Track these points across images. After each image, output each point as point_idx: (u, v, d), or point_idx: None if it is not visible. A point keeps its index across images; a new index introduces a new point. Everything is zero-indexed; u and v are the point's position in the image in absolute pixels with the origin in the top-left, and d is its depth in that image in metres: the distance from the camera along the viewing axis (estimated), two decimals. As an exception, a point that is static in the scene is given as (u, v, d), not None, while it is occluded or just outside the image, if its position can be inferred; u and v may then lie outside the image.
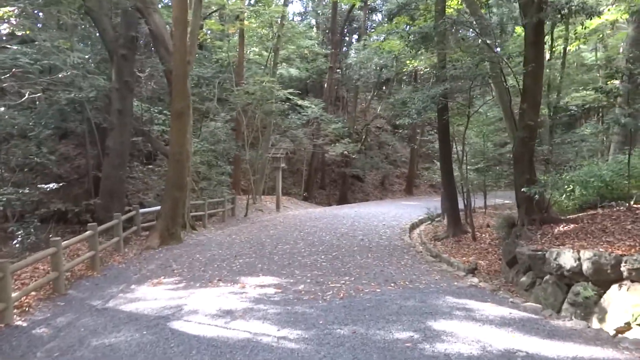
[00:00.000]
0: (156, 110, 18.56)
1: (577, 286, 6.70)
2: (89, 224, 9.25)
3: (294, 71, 28.64)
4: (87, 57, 11.09)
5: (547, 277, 7.44)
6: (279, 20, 23.88)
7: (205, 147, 19.29)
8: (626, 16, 16.91)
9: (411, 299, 6.61)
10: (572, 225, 8.28)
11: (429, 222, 18.46)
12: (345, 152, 28.10)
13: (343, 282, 7.74)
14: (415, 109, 9.50)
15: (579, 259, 6.66)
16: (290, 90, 22.09)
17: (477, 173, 17.28)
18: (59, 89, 11.77)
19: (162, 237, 12.11)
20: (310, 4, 38.76)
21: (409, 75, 41.59)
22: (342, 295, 6.86)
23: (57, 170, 17.27)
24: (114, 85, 11.97)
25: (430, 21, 11.24)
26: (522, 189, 8.51)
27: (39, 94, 10.63)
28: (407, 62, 11.85)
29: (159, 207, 13.38)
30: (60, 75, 10.64)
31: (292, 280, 7.93)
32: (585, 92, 22.42)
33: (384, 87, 39.00)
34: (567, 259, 6.87)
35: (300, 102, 23.75)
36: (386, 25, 11.58)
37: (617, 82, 18.12)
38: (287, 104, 23.22)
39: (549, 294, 7.23)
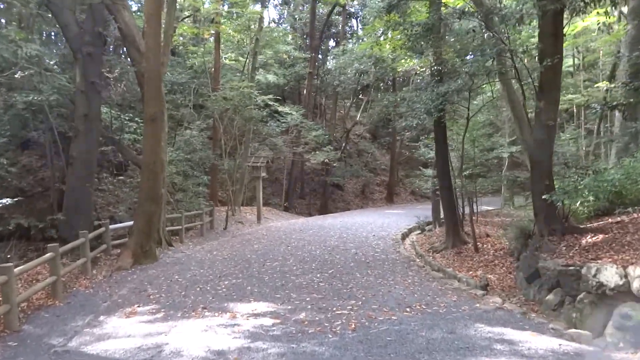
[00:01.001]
0: (127, 118, 17.21)
1: (623, 307, 5.81)
2: (48, 245, 7.96)
3: (271, 77, 27.59)
4: (42, 49, 9.69)
5: (582, 295, 6.53)
6: (256, 23, 22.84)
7: (181, 157, 18.05)
8: (613, 18, 16.49)
9: (436, 328, 5.61)
10: (600, 236, 7.44)
11: (419, 231, 17.64)
12: (326, 160, 27.15)
13: (350, 307, 6.69)
14: (425, 108, 8.60)
15: (626, 275, 5.78)
16: (270, 96, 21.02)
17: (467, 179, 16.55)
18: (14, 91, 10.43)
19: (136, 256, 10.85)
20: (286, 10, 37.87)
21: (388, 81, 41.20)
22: (353, 325, 5.80)
23: (19, 183, 15.79)
24: (78, 87, 10.69)
25: (426, 15, 10.37)
26: (543, 197, 7.63)
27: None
28: (402, 62, 10.98)
29: (131, 223, 12.10)
30: (16, 75, 9.30)
31: (290, 307, 6.83)
32: (570, 95, 22.08)
33: (360, 95, 38.33)
34: (610, 275, 5.98)
35: (280, 108, 22.68)
36: (382, 18, 10.64)
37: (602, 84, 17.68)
38: (267, 110, 22.13)
39: (586, 316, 6.32)
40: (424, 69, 10.77)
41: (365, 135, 42.41)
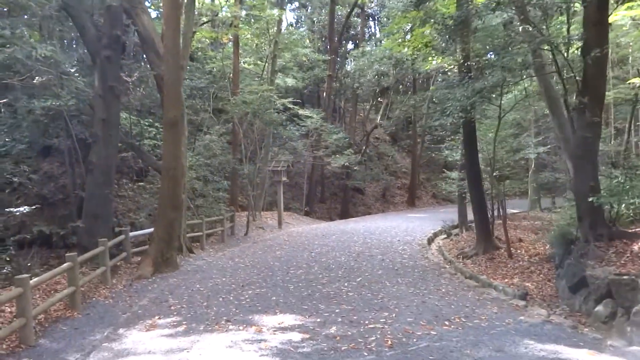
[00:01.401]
0: (146, 123, 17.05)
1: (691, 322, 5.25)
2: (66, 255, 7.68)
3: (290, 81, 27.23)
4: (57, 51, 9.44)
5: (638, 307, 5.97)
6: (275, 26, 22.56)
7: (201, 162, 17.81)
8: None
9: (481, 345, 5.12)
10: (655, 242, 6.86)
11: (445, 236, 17.06)
12: (347, 163, 26.70)
13: (383, 320, 6.23)
14: (459, 106, 8.12)
15: (694, 287, 5.22)
16: (290, 99, 20.68)
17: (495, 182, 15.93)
18: (33, 97, 10.23)
19: (156, 264, 10.54)
20: (303, 13, 37.60)
21: (408, 83, 40.60)
22: (389, 342, 5.35)
23: (40, 190, 15.73)
24: (97, 91, 10.45)
25: (453, 10, 9.87)
26: (590, 199, 7.07)
27: (3, 100, 9.10)
28: (429, 59, 10.51)
29: (151, 230, 11.83)
30: (35, 81, 9.08)
31: (319, 320, 6.39)
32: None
33: (379, 98, 37.80)
34: (672, 286, 5.41)
35: (300, 111, 22.32)
36: (407, 16, 10.16)
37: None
38: (286, 114, 21.79)
39: (644, 330, 5.76)
40: (452, 66, 10.26)
41: (385, 138, 41.88)
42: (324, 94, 29.29)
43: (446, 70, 11.39)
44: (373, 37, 38.07)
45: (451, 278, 9.33)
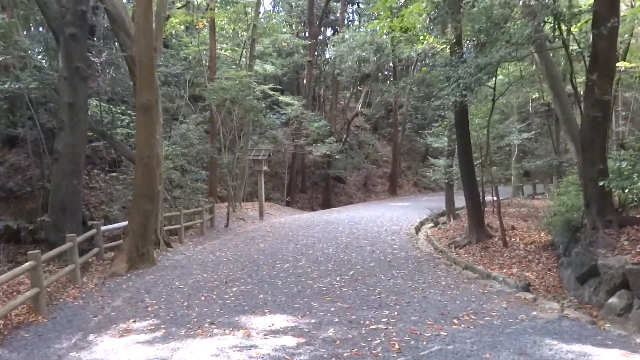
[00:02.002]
0: (119, 111, 16.06)
1: None
2: (29, 253, 6.87)
3: (269, 67, 26.37)
4: (16, 24, 8.51)
5: (659, 299, 5.53)
6: (254, 8, 21.67)
7: (177, 151, 16.93)
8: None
9: (500, 347, 4.57)
10: (670, 228, 6.43)
11: (432, 224, 16.63)
12: (328, 152, 26.07)
13: (385, 320, 5.64)
14: (463, 83, 7.54)
15: None
16: (270, 86, 19.89)
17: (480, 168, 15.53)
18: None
19: (131, 260, 9.77)
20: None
21: (388, 72, 40.04)
22: (396, 345, 4.76)
23: (7, 183, 14.73)
24: (61, 73, 9.50)
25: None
26: (600, 183, 6.60)
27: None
28: (419, 39, 9.91)
29: (125, 223, 11.02)
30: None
31: (313, 320, 5.77)
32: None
33: (359, 85, 37.20)
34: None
35: (281, 98, 21.52)
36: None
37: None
38: (266, 101, 20.98)
39: (667, 323, 5.31)
40: (444, 46, 9.68)
41: (365, 126, 41.39)
42: (304, 81, 28.54)
43: (436, 52, 10.77)
44: (352, 24, 37.35)
45: (448, 269, 8.81)
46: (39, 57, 10.64)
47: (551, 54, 8.79)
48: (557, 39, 7.47)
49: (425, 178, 40.27)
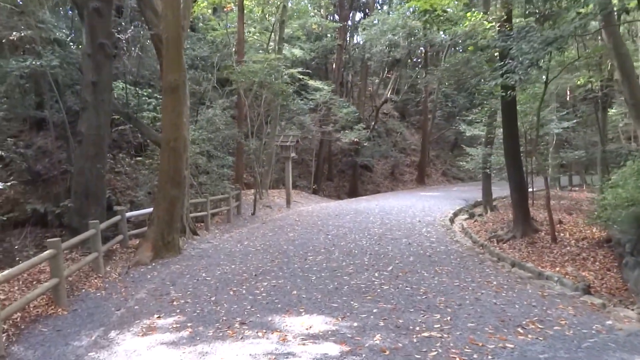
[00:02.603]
0: (145, 94, 15.66)
1: None
2: (48, 241, 6.44)
3: (297, 52, 25.65)
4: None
5: None
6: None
7: (204, 135, 16.47)
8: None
9: (583, 366, 3.88)
10: None
11: (467, 216, 15.83)
12: (356, 139, 25.33)
13: (437, 325, 5.00)
14: (529, 60, 6.75)
15: None
16: (300, 69, 19.22)
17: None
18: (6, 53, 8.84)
19: (156, 249, 9.33)
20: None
21: (418, 59, 38.90)
22: (457, 359, 4.11)
23: (35, 167, 14.56)
24: (85, 50, 9.03)
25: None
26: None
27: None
28: (468, 15, 9.08)
29: (151, 209, 10.59)
30: (12, 37, 7.68)
31: (355, 324, 5.16)
32: None
33: (389, 71, 36.13)
34: None
35: (311, 82, 20.83)
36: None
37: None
38: (295, 86, 20.32)
39: None
40: (495, 22, 8.83)
41: (393, 113, 40.45)
42: (334, 66, 27.74)
43: (475, 33, 9.91)
44: (382, 8, 36.22)
45: (495, 267, 8.10)
46: (63, 35, 10.16)
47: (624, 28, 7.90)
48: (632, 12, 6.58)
49: (455, 167, 39.37)
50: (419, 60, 38.92)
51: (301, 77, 19.18)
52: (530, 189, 18.79)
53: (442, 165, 39.29)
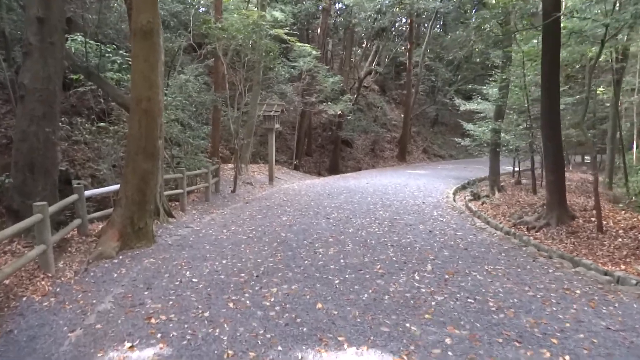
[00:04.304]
0: (109, 49, 13.32)
1: None
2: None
3: (278, 14, 23.40)
4: None
5: None
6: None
7: (178, 101, 14.32)
8: None
9: None
10: None
11: (471, 197, 14.37)
12: (341, 112, 23.51)
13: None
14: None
15: None
16: (286, 30, 17.13)
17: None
18: None
19: (124, 237, 7.41)
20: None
21: (401, 28, 36.99)
22: None
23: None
24: (27, -23, 6.84)
25: None
26: None
27: None
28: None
29: (117, 186, 8.59)
30: None
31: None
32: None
33: (373, 40, 34.15)
34: None
35: (299, 44, 18.74)
36: None
37: None
38: (280, 47, 18.20)
39: None
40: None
41: (373, 87, 38.71)
42: (318, 31, 25.61)
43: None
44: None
45: (553, 264, 6.55)
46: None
47: None
48: None
49: (436, 145, 38.14)
50: (404, 29, 37.04)
51: (288, 38, 17.06)
52: (517, 168, 17.60)
53: (423, 142, 38.03)
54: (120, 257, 7.05)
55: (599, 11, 8.52)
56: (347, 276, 5.84)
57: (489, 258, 6.75)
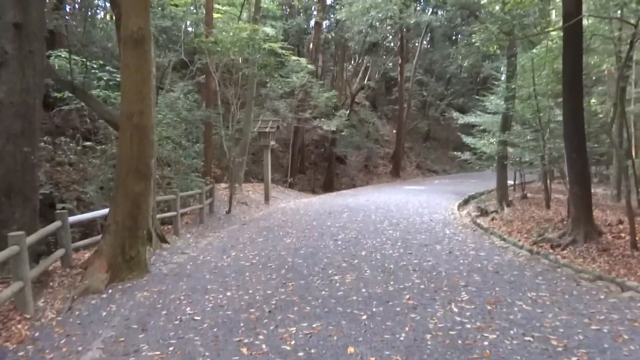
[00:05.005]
0: (95, 66, 12.57)
1: None
2: None
3: (269, 30, 22.88)
4: None
5: None
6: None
7: (169, 118, 13.59)
8: None
9: None
10: None
11: (477, 212, 13.69)
12: (335, 128, 22.89)
13: None
14: None
15: None
16: (281, 44, 16.57)
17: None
18: None
19: (114, 268, 6.58)
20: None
21: (391, 44, 36.76)
22: None
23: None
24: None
25: None
26: None
27: None
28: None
29: (105, 211, 7.76)
30: None
31: None
32: None
33: (365, 56, 33.80)
34: None
35: (294, 58, 18.13)
36: None
37: None
38: (275, 61, 17.60)
39: None
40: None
41: (364, 103, 38.30)
42: (311, 46, 25.11)
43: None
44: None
45: (600, 289, 5.85)
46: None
47: None
48: None
49: (429, 160, 37.67)
50: (395, 45, 36.79)
51: (283, 52, 16.46)
52: (517, 181, 16.94)
53: (416, 157, 37.58)
54: (110, 291, 6.22)
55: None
56: (374, 310, 5.07)
57: (527, 283, 6.04)
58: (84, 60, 12.20)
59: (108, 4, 15.86)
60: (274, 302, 5.50)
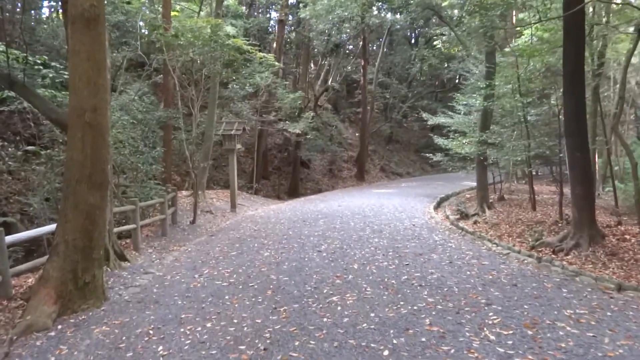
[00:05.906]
0: (39, 61, 11.13)
1: None
2: None
3: (229, 29, 21.77)
4: None
5: None
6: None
7: (125, 120, 12.27)
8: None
9: None
10: None
11: (457, 216, 13.08)
12: (301, 131, 21.98)
13: None
14: None
15: None
16: (247, 40, 15.52)
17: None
18: None
19: (64, 297, 5.40)
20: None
21: (352, 46, 36.25)
22: None
23: None
24: None
25: None
26: None
27: None
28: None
29: (52, 227, 6.51)
30: None
31: None
32: None
33: (327, 57, 33.08)
34: None
35: (261, 54, 17.05)
36: None
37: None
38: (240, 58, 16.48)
39: None
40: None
41: (327, 106, 37.60)
42: (274, 45, 24.10)
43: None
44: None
45: (635, 301, 5.17)
46: None
47: None
48: None
49: (393, 163, 37.31)
50: (357, 46, 36.28)
51: (249, 49, 15.39)
52: (490, 182, 16.47)
53: (380, 160, 37.15)
54: (60, 327, 5.05)
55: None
56: (394, 342, 4.15)
57: (555, 297, 5.29)
58: (25, 55, 10.78)
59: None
60: (267, 335, 4.51)
